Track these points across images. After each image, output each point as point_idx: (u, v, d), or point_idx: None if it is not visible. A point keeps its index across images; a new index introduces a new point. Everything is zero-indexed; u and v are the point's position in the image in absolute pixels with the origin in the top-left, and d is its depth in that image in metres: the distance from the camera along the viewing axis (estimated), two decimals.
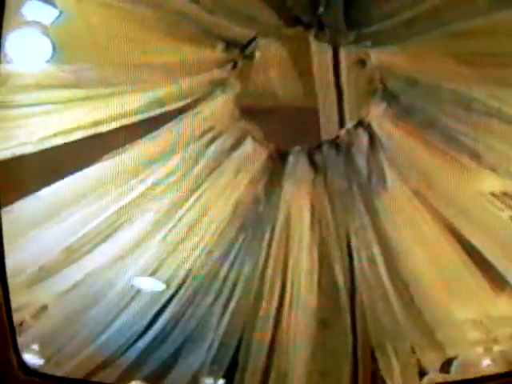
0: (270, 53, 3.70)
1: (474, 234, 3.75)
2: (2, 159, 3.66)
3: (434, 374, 3.83)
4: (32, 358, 4.13)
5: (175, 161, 3.90)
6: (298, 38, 3.68)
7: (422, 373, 3.99)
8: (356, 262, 4.01)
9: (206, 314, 4.21)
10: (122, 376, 4.29)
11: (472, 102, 3.49)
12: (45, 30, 3.52)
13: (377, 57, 3.62)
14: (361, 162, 3.87)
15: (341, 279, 4.03)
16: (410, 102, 3.66)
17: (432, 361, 3.92)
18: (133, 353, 4.29)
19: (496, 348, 3.97)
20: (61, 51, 3.54)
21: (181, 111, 3.78)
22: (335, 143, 3.89)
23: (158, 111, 3.72)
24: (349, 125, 3.85)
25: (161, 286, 4.16)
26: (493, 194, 3.74)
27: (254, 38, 3.70)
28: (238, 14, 3.58)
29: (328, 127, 3.88)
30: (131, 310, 4.20)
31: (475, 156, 3.60)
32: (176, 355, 4.33)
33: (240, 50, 3.70)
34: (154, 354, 4.29)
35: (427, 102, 3.62)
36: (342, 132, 3.88)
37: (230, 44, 3.71)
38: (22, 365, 3.16)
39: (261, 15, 3.57)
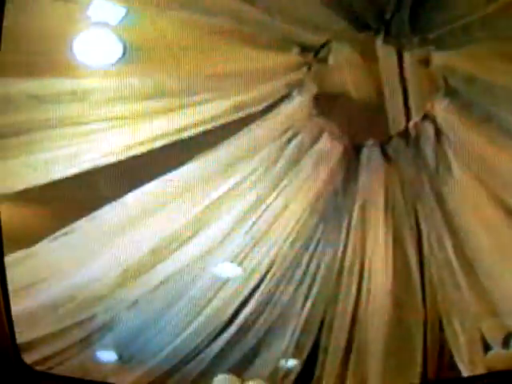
0: (341, 56, 4.10)
1: None
2: (85, 169, 3.98)
3: (497, 349, 4.14)
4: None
5: (257, 159, 4.26)
6: (366, 42, 4.06)
7: (487, 348, 4.29)
8: (426, 244, 4.38)
9: (289, 302, 4.54)
10: (205, 370, 4.58)
11: None
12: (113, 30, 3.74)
13: (438, 59, 4.03)
14: (428, 152, 4.27)
15: (413, 261, 4.40)
16: (469, 97, 4.07)
17: (495, 335, 4.25)
18: (217, 345, 4.58)
19: None
20: (132, 52, 3.82)
21: (261, 113, 4.13)
22: (404, 136, 4.29)
23: (238, 115, 4.06)
24: (416, 118, 4.23)
25: (244, 273, 4.47)
26: None
27: (326, 43, 4.07)
28: (309, 22, 3.97)
29: (396, 122, 4.28)
30: (216, 303, 4.50)
31: None
32: (259, 344, 4.64)
33: (314, 54, 4.09)
34: (238, 345, 4.59)
35: (485, 98, 4.04)
36: (410, 125, 4.26)
37: (304, 48, 4.09)
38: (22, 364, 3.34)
39: (331, 22, 3.98)
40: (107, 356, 4.72)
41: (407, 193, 4.38)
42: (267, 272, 4.50)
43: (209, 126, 4.10)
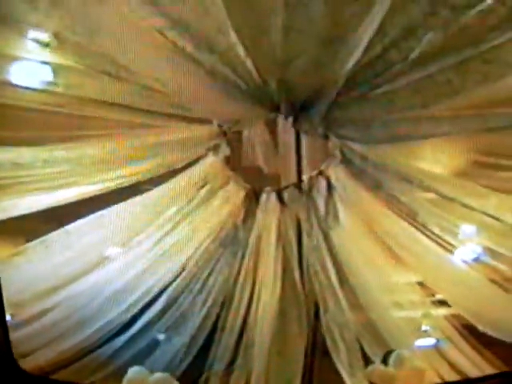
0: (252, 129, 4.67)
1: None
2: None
3: (377, 364, 5.05)
4: None
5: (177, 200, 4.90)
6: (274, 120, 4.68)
7: (367, 360, 5.21)
8: (311, 270, 5.16)
9: (189, 306, 5.32)
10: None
11: (412, 179, 4.62)
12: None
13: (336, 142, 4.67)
14: (319, 201, 4.94)
15: (299, 283, 5.19)
16: (363, 168, 4.73)
17: (374, 351, 5.17)
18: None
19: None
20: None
21: (183, 168, 4.73)
22: (299, 186, 4.95)
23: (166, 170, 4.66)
24: (312, 173, 4.87)
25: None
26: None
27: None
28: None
29: (288, 177, 4.95)
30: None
31: (412, 213, 4.77)
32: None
33: (229, 127, 4.66)
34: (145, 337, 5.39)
35: (377, 173, 4.71)
36: (305, 178, 4.91)
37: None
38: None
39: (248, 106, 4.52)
40: None
41: (297, 230, 5.04)
42: (173, 281, 5.20)
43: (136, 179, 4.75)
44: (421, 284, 5.28)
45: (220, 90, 4.41)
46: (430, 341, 5.34)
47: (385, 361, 4.98)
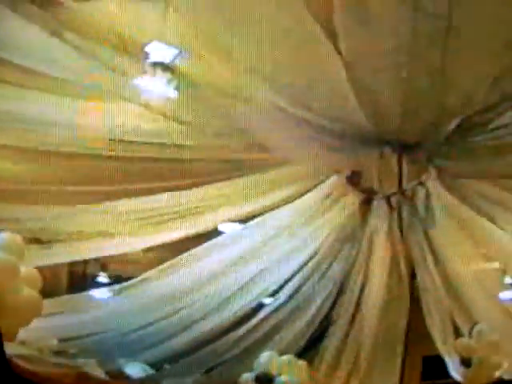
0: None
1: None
2: None
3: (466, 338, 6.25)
4: None
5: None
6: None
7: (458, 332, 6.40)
8: (415, 262, 6.42)
9: (311, 293, 6.61)
10: None
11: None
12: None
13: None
14: (420, 205, 6.19)
15: (404, 273, 6.44)
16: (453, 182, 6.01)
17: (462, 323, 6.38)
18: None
19: None
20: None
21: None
22: (403, 193, 6.21)
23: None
24: (414, 183, 6.13)
25: None
26: None
27: None
28: None
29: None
30: None
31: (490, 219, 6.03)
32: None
33: None
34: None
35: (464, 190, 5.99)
36: (409, 186, 6.17)
37: None
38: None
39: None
40: None
41: (403, 230, 6.31)
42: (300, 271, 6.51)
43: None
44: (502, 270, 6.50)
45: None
46: None
47: (470, 334, 6.10)
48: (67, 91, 4.93)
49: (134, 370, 6.72)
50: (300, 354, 6.41)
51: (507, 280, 6.58)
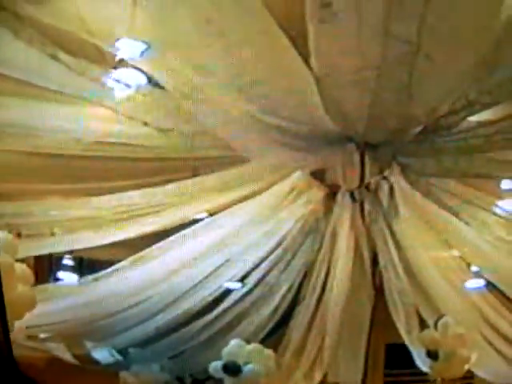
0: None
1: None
2: None
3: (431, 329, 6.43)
4: None
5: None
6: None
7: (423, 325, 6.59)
8: (378, 252, 6.64)
9: (275, 282, 6.83)
10: None
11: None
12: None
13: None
14: (383, 198, 6.39)
15: (367, 263, 6.67)
16: (416, 178, 6.19)
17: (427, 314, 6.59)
18: None
19: None
20: None
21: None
22: (367, 187, 6.40)
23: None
24: (377, 177, 6.32)
25: None
26: None
27: None
28: None
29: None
30: None
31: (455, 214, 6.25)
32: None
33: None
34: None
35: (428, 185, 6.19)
36: (373, 181, 6.35)
37: None
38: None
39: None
40: None
41: (366, 222, 6.52)
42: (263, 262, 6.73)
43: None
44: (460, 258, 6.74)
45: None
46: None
47: (435, 326, 6.30)
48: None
49: (102, 354, 6.88)
50: (263, 342, 6.63)
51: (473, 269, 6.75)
